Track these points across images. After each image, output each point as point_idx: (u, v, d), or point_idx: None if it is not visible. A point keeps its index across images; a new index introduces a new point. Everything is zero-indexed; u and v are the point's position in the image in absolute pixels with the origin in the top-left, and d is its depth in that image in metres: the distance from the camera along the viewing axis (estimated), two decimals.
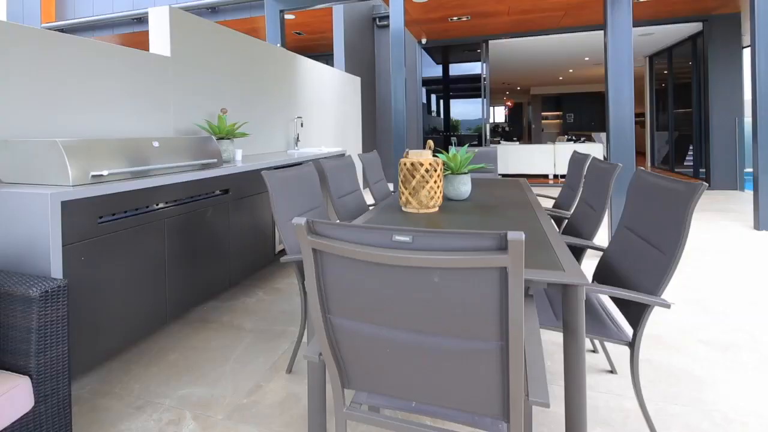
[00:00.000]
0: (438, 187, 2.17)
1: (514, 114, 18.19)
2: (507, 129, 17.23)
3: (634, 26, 6.73)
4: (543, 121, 16.63)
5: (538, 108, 16.74)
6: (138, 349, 2.16)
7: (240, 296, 2.82)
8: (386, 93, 8.58)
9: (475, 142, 9.35)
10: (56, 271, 1.57)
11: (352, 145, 6.60)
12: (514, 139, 14.60)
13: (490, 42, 7.96)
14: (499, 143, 10.98)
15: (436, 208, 2.19)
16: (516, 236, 0.76)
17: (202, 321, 2.46)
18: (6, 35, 1.95)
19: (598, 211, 2.09)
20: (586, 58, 10.20)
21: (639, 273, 1.53)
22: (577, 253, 2.11)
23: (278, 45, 4.64)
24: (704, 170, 7.29)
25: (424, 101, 8.88)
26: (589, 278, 2.34)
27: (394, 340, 0.96)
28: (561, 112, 16.49)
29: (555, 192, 6.70)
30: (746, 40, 7.00)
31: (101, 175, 1.77)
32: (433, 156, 2.35)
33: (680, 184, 1.44)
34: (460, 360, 0.92)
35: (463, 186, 2.47)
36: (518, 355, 0.86)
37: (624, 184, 3.54)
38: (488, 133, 8.26)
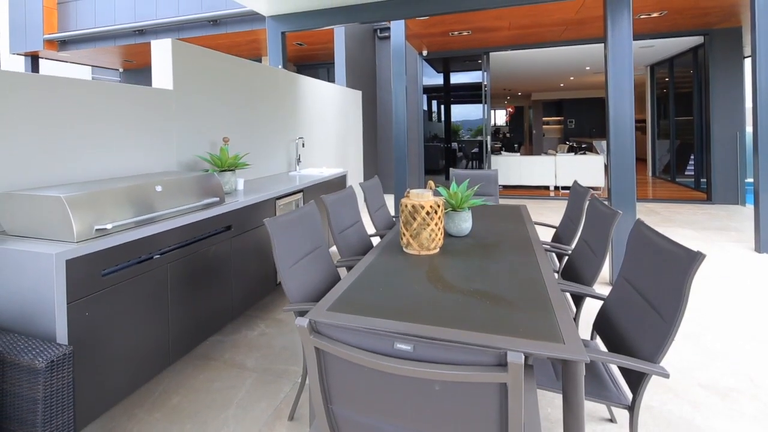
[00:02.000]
0: (439, 229, 2.19)
1: (515, 117, 18.19)
2: (508, 135, 17.21)
3: (635, 39, 6.75)
4: (544, 127, 16.63)
5: (539, 113, 16.74)
6: (141, 391, 2.17)
7: (242, 329, 2.83)
8: (387, 101, 8.60)
9: (476, 149, 9.36)
10: (61, 330, 1.58)
11: (354, 159, 6.61)
12: (515, 146, 14.59)
13: (490, 54, 7.97)
14: (501, 152, 10.98)
15: (437, 250, 2.20)
16: (515, 358, 0.78)
17: (205, 358, 2.48)
18: (5, 83, 1.97)
19: (598, 256, 2.10)
20: (587, 68, 10.20)
21: (638, 333, 1.54)
22: (578, 297, 2.12)
23: (279, 66, 4.65)
24: (705, 180, 7.29)
25: (425, 108, 8.90)
26: (590, 325, 2.35)
27: None
28: (562, 118, 16.48)
29: (555, 207, 6.69)
30: (747, 51, 7.00)
31: (105, 229, 1.79)
32: (434, 193, 2.37)
33: (679, 248, 1.45)
34: None
35: (464, 223, 2.49)
36: None
37: (624, 211, 3.54)
38: (489, 145, 8.26)
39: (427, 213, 2.16)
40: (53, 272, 1.57)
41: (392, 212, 5.47)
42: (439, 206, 2.21)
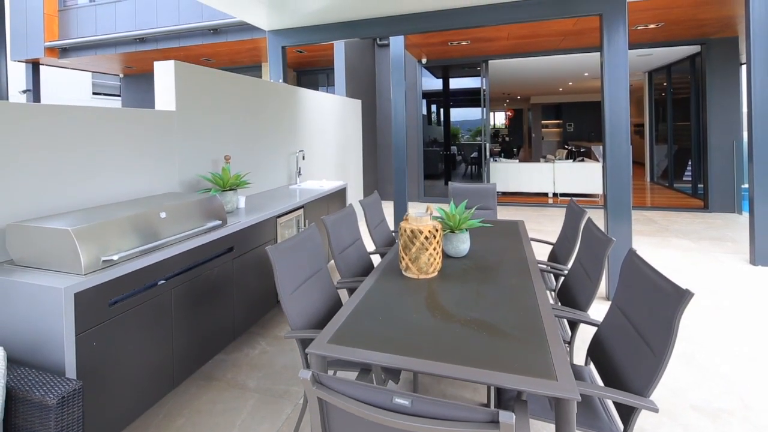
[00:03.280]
0: (437, 253, 2.24)
1: (514, 120, 18.24)
2: (507, 138, 17.26)
3: (633, 48, 6.80)
4: (543, 130, 16.68)
5: (538, 116, 16.79)
6: (146, 413, 2.22)
7: (244, 347, 2.88)
8: (387, 108, 8.64)
9: (475, 154, 9.41)
10: (70, 362, 1.63)
11: (354, 168, 6.66)
12: (514, 149, 14.65)
13: (489, 62, 8.02)
14: (500, 155, 11.05)
15: (436, 273, 2.25)
16: (507, 418, 0.83)
17: (208, 378, 2.53)
18: (9, 114, 2.01)
19: (593, 280, 2.15)
20: (586, 74, 10.25)
21: (630, 364, 1.58)
22: (572, 321, 2.17)
23: (280, 80, 4.70)
24: (702, 186, 7.34)
25: (424, 112, 8.94)
26: (586, 343, 2.39)
27: None
28: (561, 121, 16.53)
29: (554, 215, 6.73)
30: (744, 59, 7.05)
31: (112, 260, 1.83)
32: (432, 215, 2.42)
33: (668, 284, 1.50)
34: None
35: (462, 244, 2.53)
36: None
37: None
38: (488, 150, 8.31)
39: (426, 237, 2.21)
40: (62, 306, 1.62)
41: (392, 225, 5.52)
42: (437, 230, 2.26)
